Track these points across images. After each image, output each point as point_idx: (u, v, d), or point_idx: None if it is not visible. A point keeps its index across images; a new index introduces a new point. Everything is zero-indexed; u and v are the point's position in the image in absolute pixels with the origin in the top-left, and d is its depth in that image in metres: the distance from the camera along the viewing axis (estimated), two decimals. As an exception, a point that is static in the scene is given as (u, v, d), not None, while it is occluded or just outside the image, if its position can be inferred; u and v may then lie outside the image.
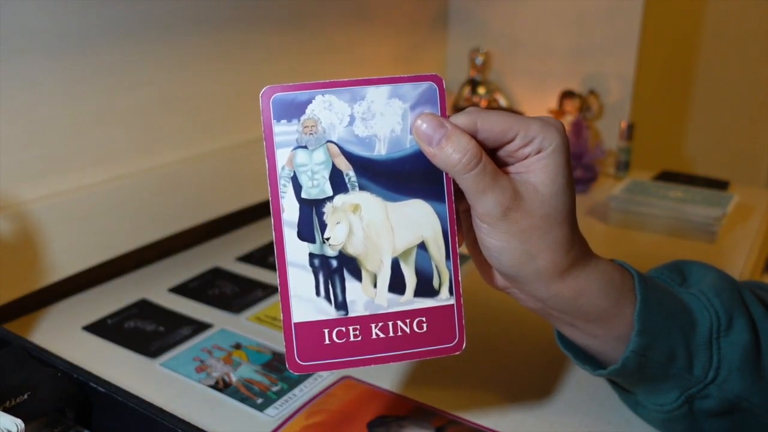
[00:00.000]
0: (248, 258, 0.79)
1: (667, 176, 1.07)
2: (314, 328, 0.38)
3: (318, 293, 0.38)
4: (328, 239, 0.38)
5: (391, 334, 0.39)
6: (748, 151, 1.63)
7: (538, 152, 0.38)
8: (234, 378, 0.55)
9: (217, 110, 0.82)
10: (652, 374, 0.42)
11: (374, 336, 0.39)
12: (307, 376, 0.55)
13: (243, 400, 0.52)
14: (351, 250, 0.39)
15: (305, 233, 0.38)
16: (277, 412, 0.51)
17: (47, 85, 0.63)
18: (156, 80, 0.73)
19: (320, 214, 0.38)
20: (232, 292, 0.70)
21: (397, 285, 0.39)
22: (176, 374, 0.56)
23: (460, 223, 0.41)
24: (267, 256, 0.80)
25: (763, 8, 1.53)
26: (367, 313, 0.39)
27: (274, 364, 0.57)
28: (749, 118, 1.61)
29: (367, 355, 0.39)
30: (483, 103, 1.18)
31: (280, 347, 0.59)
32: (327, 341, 0.39)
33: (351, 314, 0.39)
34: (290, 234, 0.38)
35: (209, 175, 0.79)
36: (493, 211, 0.37)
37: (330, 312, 0.39)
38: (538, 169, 0.38)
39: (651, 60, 1.49)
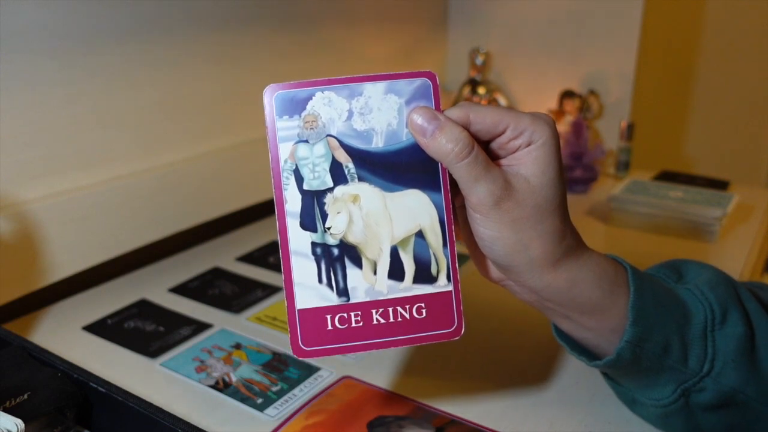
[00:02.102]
0: (248, 258, 0.79)
1: (667, 176, 1.07)
2: (317, 314, 0.40)
3: (320, 280, 0.40)
4: (329, 228, 0.40)
5: (392, 319, 0.40)
6: (748, 151, 1.63)
7: (528, 144, 0.39)
8: (234, 378, 0.55)
9: (217, 110, 0.82)
10: (648, 366, 0.43)
11: (375, 321, 0.40)
12: (308, 375, 0.55)
13: (243, 400, 0.52)
14: (351, 239, 0.40)
15: (307, 223, 0.40)
16: (277, 412, 0.51)
17: (47, 85, 0.63)
18: (156, 80, 0.73)
19: (321, 205, 0.40)
20: (232, 292, 0.70)
21: (396, 272, 0.41)
22: (176, 374, 0.56)
23: (456, 215, 0.42)
24: (267, 256, 0.80)
25: (763, 8, 1.53)
26: (367, 300, 0.40)
27: (274, 364, 0.57)
28: (749, 118, 1.61)
29: (369, 340, 0.40)
30: (483, 104, 1.18)
31: (281, 347, 0.60)
32: (329, 327, 0.40)
33: (352, 300, 0.40)
34: (293, 224, 0.40)
35: (209, 175, 0.79)
36: (486, 200, 0.38)
37: (332, 298, 0.40)
38: (528, 161, 0.39)
39: (651, 60, 1.50)
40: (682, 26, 1.61)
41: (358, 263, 0.40)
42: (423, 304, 0.41)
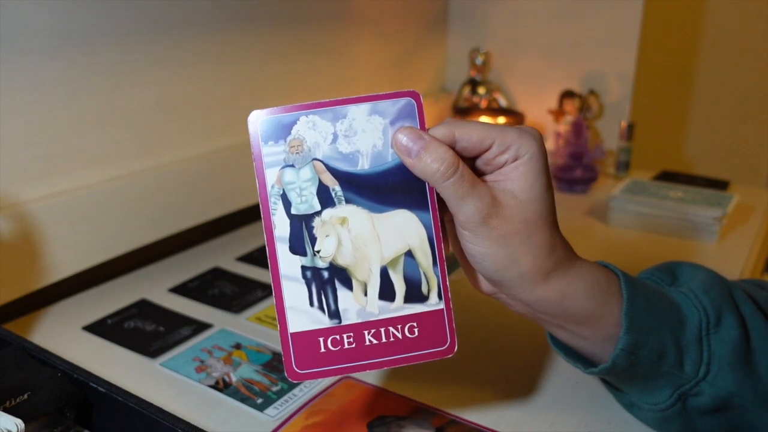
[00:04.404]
0: (248, 258, 0.79)
1: (667, 176, 1.07)
2: (310, 337, 0.40)
3: (312, 304, 0.40)
4: (318, 252, 0.40)
5: (384, 340, 0.40)
6: (748, 151, 1.63)
7: (515, 159, 0.39)
8: (234, 378, 0.55)
9: (216, 110, 0.82)
10: (644, 372, 0.43)
11: (368, 342, 0.40)
12: (307, 376, 0.55)
13: (243, 400, 0.52)
14: (341, 261, 0.40)
15: (296, 247, 0.40)
16: (277, 412, 0.51)
17: (47, 85, 0.63)
18: (156, 80, 0.73)
19: (310, 228, 0.40)
20: (232, 292, 0.70)
21: (387, 292, 0.41)
22: (176, 374, 0.56)
23: (445, 231, 0.42)
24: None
25: (763, 8, 1.53)
26: (359, 321, 0.40)
27: (274, 364, 0.57)
28: (749, 118, 1.61)
29: (362, 361, 0.40)
30: (483, 103, 1.18)
31: (280, 347, 0.59)
32: (322, 349, 0.40)
33: (344, 322, 0.40)
34: (282, 248, 0.40)
35: (209, 175, 0.79)
36: (473, 217, 0.38)
37: (324, 321, 0.40)
38: (515, 177, 0.39)
39: (651, 60, 1.50)
40: (682, 26, 1.61)
41: (348, 285, 0.40)
42: (415, 324, 0.41)
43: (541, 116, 1.16)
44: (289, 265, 0.40)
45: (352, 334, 0.40)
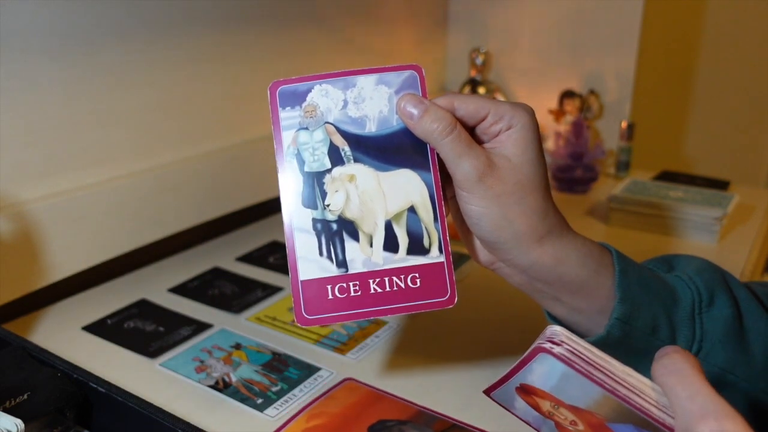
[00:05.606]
0: (248, 258, 0.79)
1: (667, 176, 1.07)
2: (318, 284, 0.43)
3: (321, 253, 0.43)
4: (328, 205, 0.43)
5: (388, 288, 0.43)
6: (748, 151, 1.63)
7: (509, 129, 0.42)
8: (234, 378, 0.55)
9: (216, 110, 0.82)
10: (637, 347, 0.43)
11: (372, 291, 0.43)
12: (308, 375, 0.55)
13: (243, 400, 0.52)
14: (349, 215, 0.44)
15: (308, 201, 0.43)
16: (276, 412, 0.51)
17: (47, 85, 0.63)
18: (156, 80, 0.73)
19: (321, 184, 0.43)
20: (231, 292, 0.70)
21: (391, 244, 0.44)
22: (176, 374, 0.56)
23: (447, 206, 0.45)
24: (267, 256, 0.80)
25: (763, 8, 1.53)
26: (365, 270, 0.43)
27: (274, 364, 0.57)
28: (749, 118, 1.61)
29: (367, 308, 0.43)
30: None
31: (280, 347, 0.60)
32: (330, 296, 0.43)
33: (351, 271, 0.43)
34: (296, 202, 0.43)
35: (209, 175, 0.79)
36: (470, 175, 0.41)
37: (332, 270, 0.43)
38: (509, 143, 0.42)
39: (651, 60, 1.50)
40: (682, 26, 1.61)
41: (355, 237, 0.43)
42: (417, 274, 0.43)
43: (541, 116, 1.16)
44: (301, 217, 0.43)
45: (358, 282, 0.43)
